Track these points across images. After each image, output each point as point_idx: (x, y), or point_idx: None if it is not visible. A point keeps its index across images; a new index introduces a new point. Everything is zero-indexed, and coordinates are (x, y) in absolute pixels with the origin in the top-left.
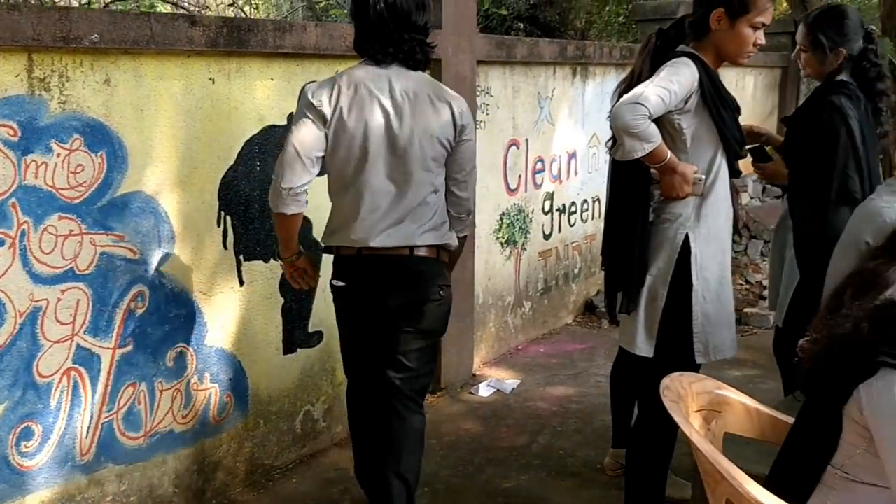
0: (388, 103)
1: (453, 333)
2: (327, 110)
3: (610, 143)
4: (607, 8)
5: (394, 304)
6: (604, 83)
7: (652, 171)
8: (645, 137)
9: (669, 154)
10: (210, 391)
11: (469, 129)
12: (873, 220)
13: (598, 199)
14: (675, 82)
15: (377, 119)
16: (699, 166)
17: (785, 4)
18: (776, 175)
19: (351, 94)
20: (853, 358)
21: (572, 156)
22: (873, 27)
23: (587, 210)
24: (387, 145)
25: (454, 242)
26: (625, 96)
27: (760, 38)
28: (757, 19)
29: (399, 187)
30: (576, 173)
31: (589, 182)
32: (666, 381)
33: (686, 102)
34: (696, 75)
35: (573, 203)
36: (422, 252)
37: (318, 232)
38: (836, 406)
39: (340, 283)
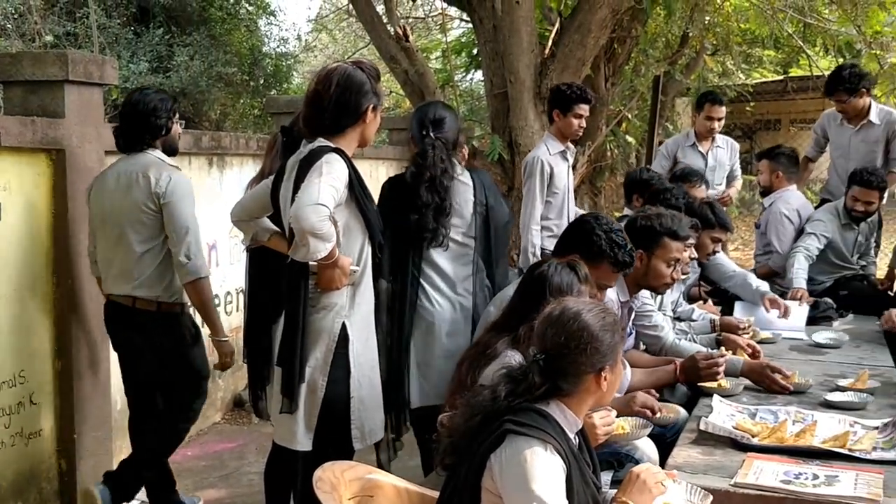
0: (111, 180)
1: (88, 444)
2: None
3: (248, 243)
4: (241, 101)
5: (123, 343)
6: (242, 173)
7: (311, 263)
8: (328, 238)
9: (337, 250)
10: None
11: (170, 195)
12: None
13: (242, 291)
14: (337, 179)
15: (101, 193)
16: (351, 256)
17: (408, 103)
18: None
19: (99, 176)
20: (486, 429)
21: (213, 247)
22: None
23: (231, 302)
24: (108, 214)
25: (166, 297)
26: (302, 198)
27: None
28: (383, 105)
29: (120, 248)
30: (217, 265)
31: (231, 273)
32: (319, 473)
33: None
34: (347, 170)
35: (216, 296)
36: (140, 304)
37: None
38: (474, 478)
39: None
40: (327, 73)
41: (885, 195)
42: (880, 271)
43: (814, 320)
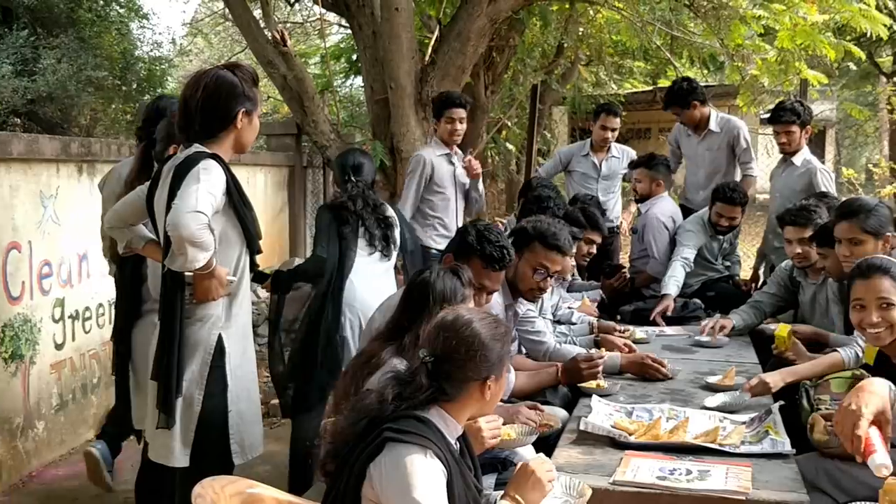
0: (115, 176)
1: None
2: None
3: (123, 250)
4: (113, 106)
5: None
6: None
7: (187, 274)
8: (206, 247)
9: (214, 259)
10: None
11: None
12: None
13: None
14: (214, 186)
15: (110, 185)
16: (228, 265)
17: (287, 108)
18: None
19: (112, 169)
20: (366, 436)
21: (84, 257)
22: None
23: (104, 314)
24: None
25: None
26: (179, 205)
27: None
28: (260, 110)
29: None
30: (88, 276)
31: (104, 284)
32: (198, 489)
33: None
34: (225, 176)
35: (88, 308)
36: None
37: None
38: (354, 488)
39: None
40: (197, 77)
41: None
42: (743, 272)
43: (684, 320)
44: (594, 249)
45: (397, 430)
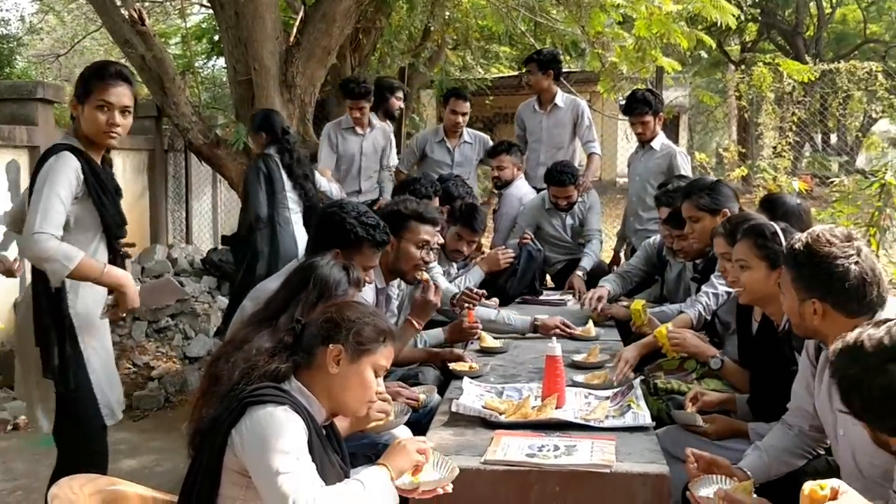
0: None
1: None
2: None
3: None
4: None
5: None
6: None
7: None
8: (64, 257)
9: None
10: None
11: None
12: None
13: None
14: (59, 184)
15: None
16: (84, 250)
17: (146, 90)
18: None
19: None
20: (227, 408)
21: None
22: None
23: None
24: None
25: None
26: (26, 225)
27: (114, 118)
28: (108, 99)
29: None
30: None
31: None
32: (54, 490)
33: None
34: (78, 166)
35: None
36: None
37: None
38: (216, 460)
39: None
40: None
41: (592, 177)
42: (605, 253)
43: (549, 302)
44: (463, 247)
45: (257, 395)
